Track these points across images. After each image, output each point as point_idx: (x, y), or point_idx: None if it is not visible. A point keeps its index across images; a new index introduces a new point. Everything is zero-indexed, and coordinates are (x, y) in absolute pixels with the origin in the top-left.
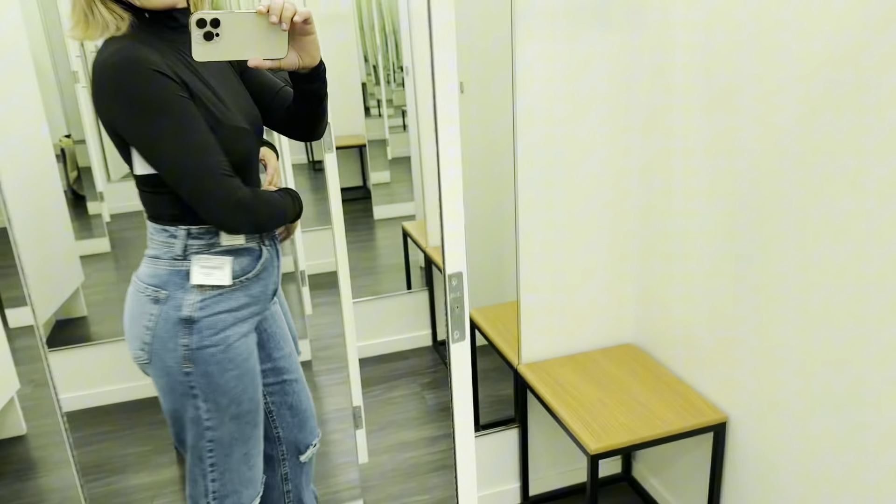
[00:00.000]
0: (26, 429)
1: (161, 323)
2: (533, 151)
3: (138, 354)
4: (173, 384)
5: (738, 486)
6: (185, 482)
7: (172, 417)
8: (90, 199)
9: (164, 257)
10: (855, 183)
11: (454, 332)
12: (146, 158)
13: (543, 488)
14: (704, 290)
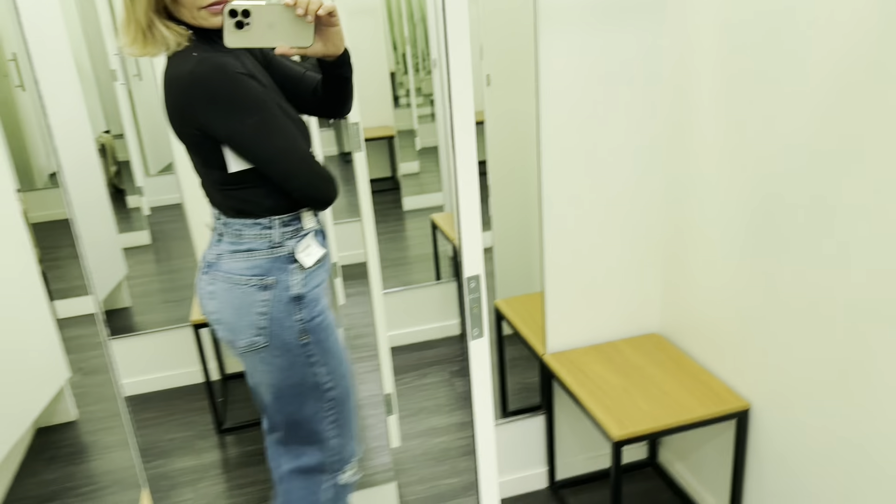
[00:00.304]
0: (77, 415)
1: (275, 305)
2: (557, 146)
3: (254, 341)
4: (293, 358)
5: (762, 472)
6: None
7: (292, 393)
8: (129, 192)
9: (262, 248)
10: (874, 180)
11: (473, 329)
12: (244, 154)
13: (570, 473)
14: (728, 280)
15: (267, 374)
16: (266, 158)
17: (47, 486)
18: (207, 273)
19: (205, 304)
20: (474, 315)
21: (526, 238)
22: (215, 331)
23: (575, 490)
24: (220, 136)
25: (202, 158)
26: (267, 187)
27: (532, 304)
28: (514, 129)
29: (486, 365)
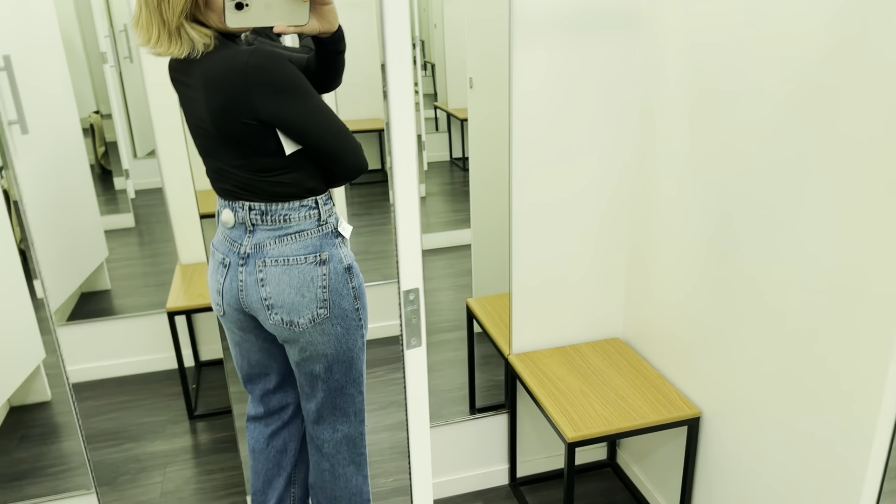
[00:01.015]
0: (51, 395)
1: (333, 277)
2: (527, 154)
3: (318, 314)
4: (348, 324)
5: (710, 476)
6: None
7: (343, 359)
8: (116, 174)
9: (311, 227)
10: (821, 200)
11: (410, 339)
12: (301, 136)
13: (530, 471)
14: (685, 290)
15: (324, 344)
16: (323, 137)
17: (18, 465)
18: (246, 264)
19: (249, 293)
20: (412, 326)
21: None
22: (265, 317)
23: (534, 487)
24: (280, 121)
25: (249, 149)
26: (308, 169)
27: (502, 304)
28: (494, 131)
29: (422, 373)
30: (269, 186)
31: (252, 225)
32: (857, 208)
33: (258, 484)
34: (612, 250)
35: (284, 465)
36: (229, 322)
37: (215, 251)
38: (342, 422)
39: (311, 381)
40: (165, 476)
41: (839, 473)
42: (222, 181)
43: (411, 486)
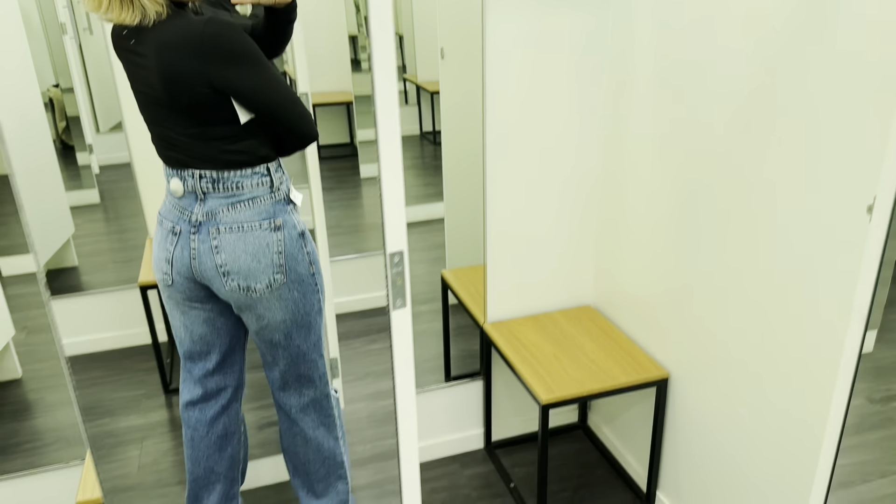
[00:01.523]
0: (21, 373)
1: (288, 243)
2: (501, 123)
3: (275, 279)
4: (305, 288)
5: (677, 435)
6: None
7: (301, 324)
8: (79, 149)
9: (264, 194)
10: (782, 168)
11: (396, 300)
12: (254, 104)
13: (505, 434)
14: (654, 258)
15: (282, 310)
16: (277, 106)
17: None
18: (198, 232)
19: (202, 261)
20: (397, 287)
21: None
22: (220, 284)
23: (509, 450)
24: (235, 89)
25: (203, 117)
26: (261, 137)
27: (477, 275)
28: (466, 102)
29: (408, 334)
30: (221, 154)
31: (203, 193)
32: (824, 173)
33: (198, 471)
34: (584, 220)
35: (225, 448)
36: (176, 292)
37: (163, 220)
38: (307, 387)
39: (271, 350)
40: (142, 450)
41: (799, 431)
42: (171, 150)
43: (398, 441)
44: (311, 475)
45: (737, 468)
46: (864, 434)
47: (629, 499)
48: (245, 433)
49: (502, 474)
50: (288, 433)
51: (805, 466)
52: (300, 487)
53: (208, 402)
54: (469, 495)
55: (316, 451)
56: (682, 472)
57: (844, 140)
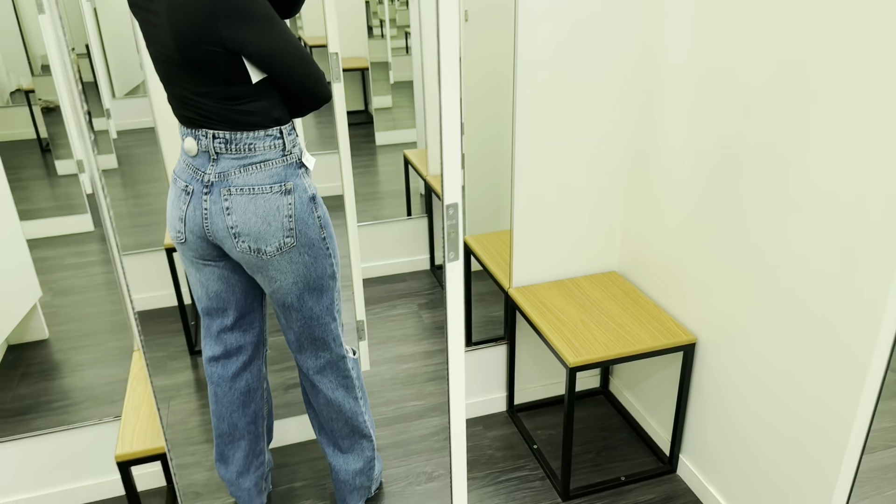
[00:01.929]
0: (48, 334)
1: (299, 206)
2: (531, 86)
3: (285, 242)
4: (316, 252)
5: (703, 400)
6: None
7: (313, 287)
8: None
9: (276, 157)
10: (821, 130)
11: (449, 252)
12: (266, 63)
13: (527, 398)
14: (682, 222)
15: (293, 273)
16: (289, 66)
17: (22, 401)
18: (210, 193)
19: (214, 222)
20: (451, 240)
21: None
22: (232, 245)
23: (531, 413)
24: (247, 48)
25: (215, 77)
26: (274, 98)
27: (500, 241)
28: (490, 67)
29: (460, 285)
30: (234, 115)
31: (216, 153)
32: (859, 137)
33: (223, 426)
34: (612, 185)
35: (249, 405)
36: (189, 250)
37: (177, 178)
38: (322, 349)
39: (285, 312)
40: (170, 409)
41: (833, 396)
42: (185, 109)
43: (448, 386)
44: (335, 433)
45: (763, 434)
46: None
47: (652, 461)
48: (268, 391)
49: (525, 436)
50: (309, 393)
51: (838, 432)
52: (326, 444)
53: (229, 358)
54: (493, 456)
55: (337, 412)
56: (707, 435)
57: (890, 104)
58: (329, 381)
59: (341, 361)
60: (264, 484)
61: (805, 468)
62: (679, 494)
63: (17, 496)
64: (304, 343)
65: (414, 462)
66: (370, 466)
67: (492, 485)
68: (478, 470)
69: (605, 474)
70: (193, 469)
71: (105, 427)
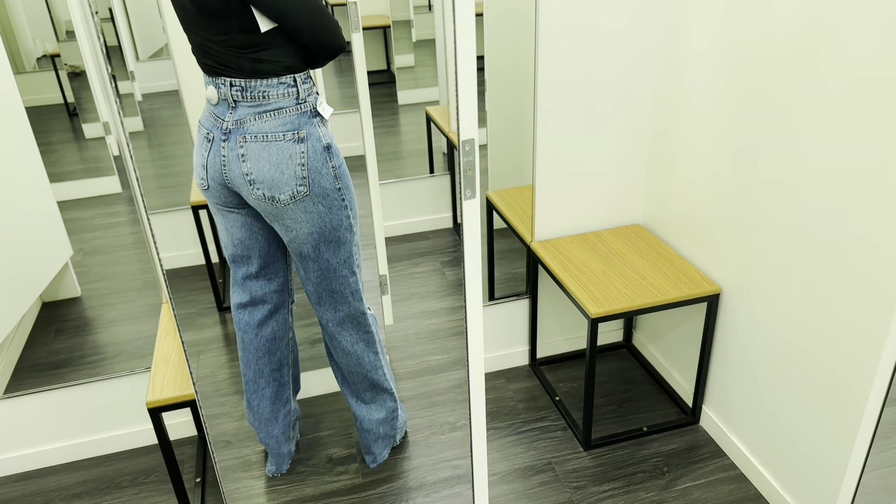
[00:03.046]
0: (80, 292)
1: (311, 155)
2: (553, 40)
3: (298, 191)
4: (331, 203)
5: (727, 352)
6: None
7: (329, 238)
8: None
9: (290, 105)
10: (854, 80)
11: (466, 190)
12: (274, 11)
13: (549, 352)
14: (706, 174)
15: (308, 223)
16: (297, 15)
17: (57, 355)
18: (228, 140)
19: (232, 168)
20: (468, 177)
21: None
22: (248, 192)
23: (553, 367)
24: None
25: (227, 24)
26: (286, 47)
27: (522, 195)
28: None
29: (476, 223)
30: (247, 63)
31: (234, 101)
32: (890, 93)
33: (250, 373)
34: (636, 137)
35: (274, 352)
36: (213, 197)
37: (201, 126)
38: (340, 302)
39: (303, 263)
40: (199, 363)
41: (855, 348)
42: (205, 56)
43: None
44: (356, 385)
45: (788, 382)
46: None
47: (675, 413)
48: (294, 342)
49: (547, 389)
50: (329, 345)
51: (861, 380)
52: (349, 395)
53: (256, 306)
54: (515, 407)
55: (357, 364)
56: (730, 386)
57: None
58: (349, 335)
59: (361, 316)
60: (292, 432)
61: (827, 419)
62: (701, 444)
63: (56, 444)
64: (323, 295)
65: (437, 413)
66: (393, 416)
67: (514, 434)
68: (500, 420)
69: (627, 425)
70: (223, 419)
71: (136, 378)
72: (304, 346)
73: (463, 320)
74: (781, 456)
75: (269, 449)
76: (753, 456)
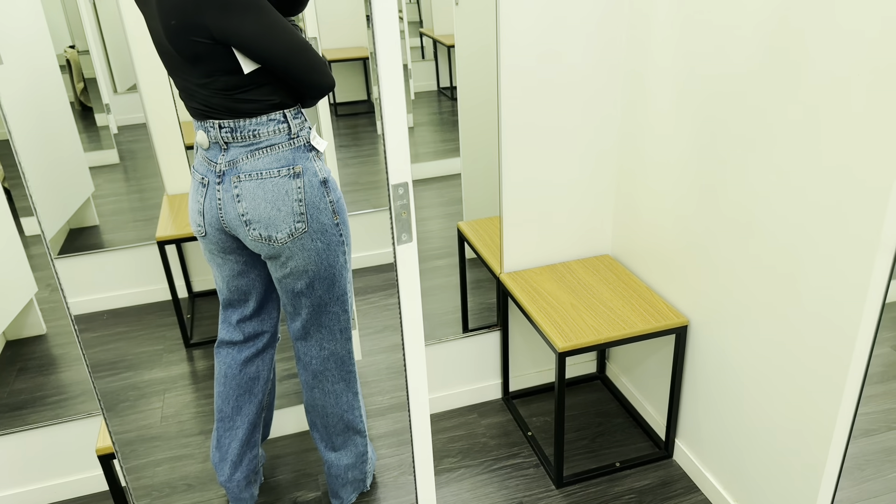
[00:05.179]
0: (46, 329)
1: (308, 191)
2: (516, 70)
3: (296, 227)
4: (329, 238)
5: (696, 383)
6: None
7: (324, 275)
8: (97, 110)
9: (282, 140)
10: (810, 111)
11: (401, 234)
12: (257, 53)
13: (522, 385)
14: (672, 204)
15: (304, 259)
16: (279, 55)
17: (18, 396)
18: (222, 182)
19: (227, 210)
20: (402, 221)
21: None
22: (245, 233)
23: (526, 400)
24: (233, 39)
25: (208, 68)
26: (272, 84)
27: (493, 226)
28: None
29: (414, 268)
30: (234, 104)
31: (225, 143)
32: (846, 116)
33: (227, 409)
34: (601, 167)
35: (256, 391)
36: (210, 243)
37: (195, 172)
38: (328, 339)
39: (294, 299)
40: (164, 402)
41: (819, 382)
42: (191, 100)
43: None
44: (329, 429)
45: (757, 416)
46: (890, 383)
47: (648, 447)
48: (273, 383)
49: (519, 423)
50: (307, 386)
51: (826, 414)
52: (319, 440)
53: (246, 343)
54: (487, 443)
55: (334, 404)
56: (702, 420)
57: (874, 80)
58: (331, 374)
59: (346, 356)
60: (254, 476)
61: (795, 453)
62: (675, 479)
63: (13, 490)
64: (311, 331)
65: (407, 451)
66: (363, 461)
67: (485, 473)
68: (471, 458)
69: (600, 460)
70: (186, 461)
71: (94, 421)
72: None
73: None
74: (753, 491)
75: (230, 493)
76: (726, 491)
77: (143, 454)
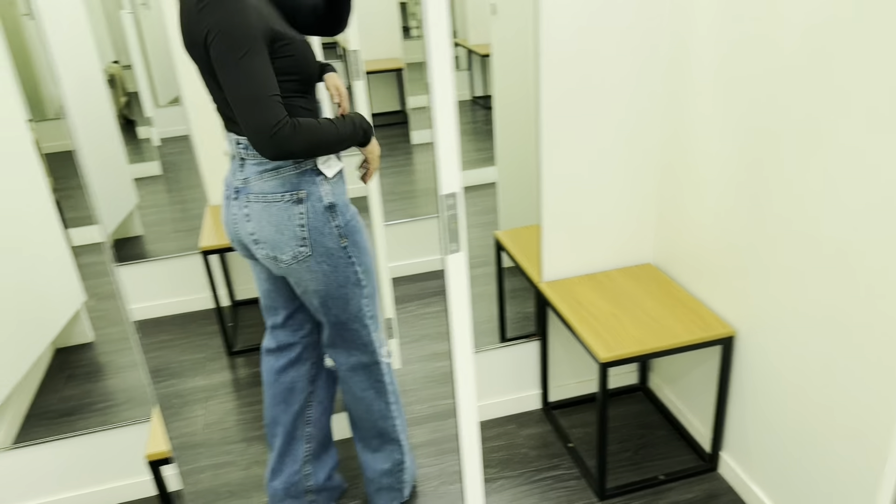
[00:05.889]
0: (93, 337)
1: (312, 216)
2: (556, 77)
3: (299, 252)
4: (336, 261)
5: (744, 395)
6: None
7: (336, 296)
8: (140, 123)
9: (287, 165)
10: (862, 114)
11: (451, 244)
12: (222, 82)
13: (562, 395)
14: (719, 212)
15: (313, 281)
16: (232, 97)
17: (67, 402)
18: (237, 198)
19: (240, 227)
20: (451, 231)
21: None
22: (255, 251)
23: (566, 411)
24: (214, 62)
25: (215, 80)
26: None
27: (531, 235)
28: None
29: (463, 278)
30: None
31: (241, 159)
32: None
33: (267, 416)
34: (643, 173)
35: (291, 402)
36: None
37: (225, 184)
38: (354, 350)
39: (316, 313)
40: (207, 409)
41: (874, 393)
42: (218, 111)
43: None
44: (363, 431)
45: (808, 428)
46: None
47: (692, 459)
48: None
49: (560, 434)
50: (342, 388)
51: (883, 430)
52: (358, 440)
53: (280, 352)
54: (527, 454)
55: (366, 411)
56: (749, 432)
57: None
58: (360, 381)
59: (374, 366)
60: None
61: (848, 468)
62: (720, 493)
63: (62, 495)
64: (336, 342)
65: (447, 461)
66: (399, 469)
67: (526, 484)
68: (511, 469)
69: (643, 473)
70: (229, 468)
71: (142, 427)
72: None
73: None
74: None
75: (269, 500)
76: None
77: (186, 461)
